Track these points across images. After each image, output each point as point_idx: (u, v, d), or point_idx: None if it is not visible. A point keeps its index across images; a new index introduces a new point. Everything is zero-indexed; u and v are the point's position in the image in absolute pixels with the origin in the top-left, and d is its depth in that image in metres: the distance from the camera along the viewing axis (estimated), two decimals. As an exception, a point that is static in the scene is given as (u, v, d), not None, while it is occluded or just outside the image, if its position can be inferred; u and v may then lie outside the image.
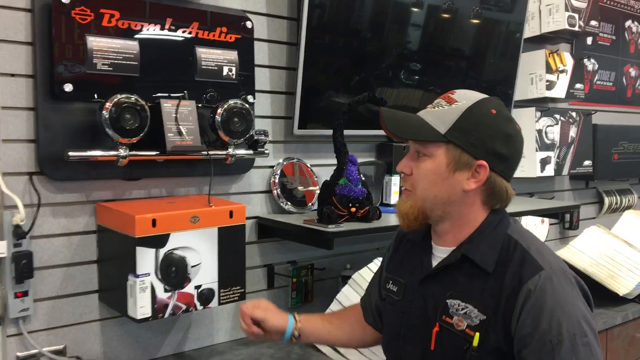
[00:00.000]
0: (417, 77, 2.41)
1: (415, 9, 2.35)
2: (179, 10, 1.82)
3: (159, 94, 1.79)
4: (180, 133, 1.74)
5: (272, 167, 2.12)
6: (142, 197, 1.85)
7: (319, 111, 2.17)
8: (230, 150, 1.86)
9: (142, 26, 1.76)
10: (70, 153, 1.61)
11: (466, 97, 1.17)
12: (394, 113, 1.26)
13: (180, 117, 1.75)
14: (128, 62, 1.73)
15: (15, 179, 1.63)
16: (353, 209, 1.98)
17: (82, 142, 1.67)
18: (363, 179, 2.08)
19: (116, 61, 1.71)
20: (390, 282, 1.33)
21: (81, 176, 1.72)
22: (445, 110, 1.16)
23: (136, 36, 1.75)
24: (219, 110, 1.82)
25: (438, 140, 1.15)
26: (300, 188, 2.17)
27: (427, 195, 1.18)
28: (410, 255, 1.31)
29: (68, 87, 1.64)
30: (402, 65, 2.38)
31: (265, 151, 1.96)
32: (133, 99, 1.65)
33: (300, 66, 2.05)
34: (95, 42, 1.67)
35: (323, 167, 2.24)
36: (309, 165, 2.21)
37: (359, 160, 2.22)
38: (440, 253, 1.23)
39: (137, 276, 1.58)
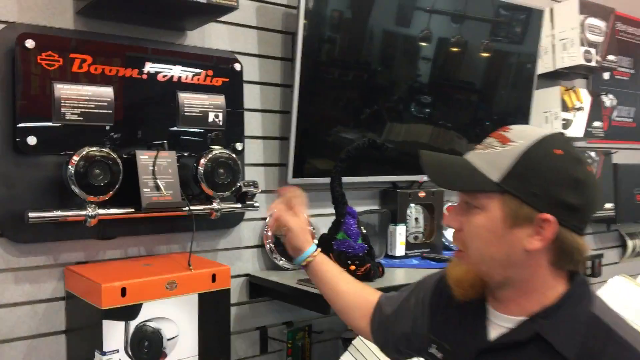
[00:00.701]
0: (425, 111, 2.23)
1: (423, 44, 2.17)
2: (159, 53, 1.67)
3: (136, 145, 1.62)
4: (157, 188, 1.56)
5: (264, 219, 1.92)
6: (117, 258, 1.67)
7: (316, 157, 1.99)
8: (215, 205, 1.68)
9: (117, 71, 1.61)
10: (31, 214, 1.44)
11: (524, 136, 0.95)
12: (437, 158, 1.05)
13: (158, 170, 1.57)
14: (101, 111, 1.57)
15: (-29, 243, 1.43)
16: (352, 267, 1.78)
17: (49, 200, 1.50)
18: (364, 231, 1.89)
19: (87, 110, 1.55)
20: (434, 346, 1.10)
21: (47, 237, 1.54)
22: (498, 153, 0.95)
23: (111, 82, 1.59)
24: (202, 161, 1.65)
25: (491, 190, 0.94)
26: None
27: (482, 257, 0.97)
28: (458, 316, 1.07)
29: (32, 140, 1.48)
30: (409, 100, 2.19)
31: (255, 204, 1.77)
32: (104, 152, 1.49)
33: (294, 109, 1.87)
34: (63, 90, 1.51)
35: (322, 217, 2.04)
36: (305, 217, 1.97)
37: (362, 208, 2.08)
38: (501, 321, 1.00)
39: (104, 353, 1.37)
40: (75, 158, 1.46)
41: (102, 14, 1.60)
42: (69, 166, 1.45)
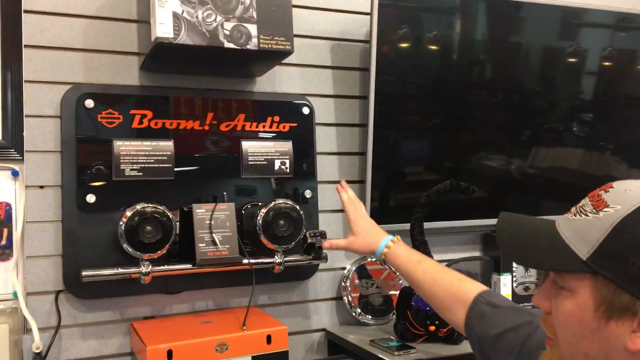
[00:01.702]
0: (567, 132, 1.96)
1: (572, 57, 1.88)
2: (221, 103, 1.61)
3: (198, 197, 1.57)
4: (214, 242, 1.48)
5: (343, 269, 1.74)
6: (185, 312, 1.60)
7: (396, 201, 1.82)
8: (277, 258, 1.54)
9: (178, 124, 1.56)
10: (84, 272, 1.41)
11: (624, 199, 0.69)
12: (516, 225, 0.82)
13: (215, 224, 1.49)
14: (161, 165, 1.53)
15: (40, 299, 1.46)
16: (432, 328, 1.53)
17: (108, 257, 1.47)
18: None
19: (147, 165, 1.51)
20: None
21: (112, 292, 1.51)
22: (589, 222, 0.71)
23: (172, 136, 1.55)
24: (262, 212, 1.54)
25: (579, 270, 0.70)
26: (378, 293, 1.77)
27: (575, 353, 0.74)
28: None
29: (91, 198, 1.47)
30: (529, 127, 1.92)
31: (323, 256, 1.59)
32: (156, 207, 1.43)
33: (369, 149, 1.72)
34: (123, 147, 1.49)
35: None
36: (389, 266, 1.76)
37: (459, 254, 1.88)
38: None
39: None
40: (127, 214, 1.41)
41: (164, 68, 1.56)
42: (120, 223, 1.40)
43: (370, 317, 1.76)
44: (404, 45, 1.77)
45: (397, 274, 1.78)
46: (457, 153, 1.84)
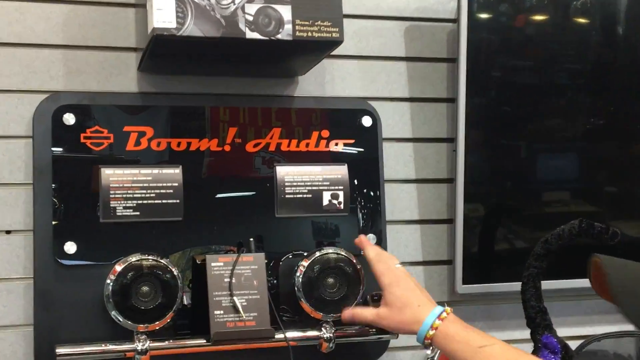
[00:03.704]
0: None
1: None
2: (248, 114, 1.69)
3: (215, 245, 1.65)
4: (235, 309, 1.53)
5: (427, 346, 1.75)
6: (197, 405, 1.63)
7: (504, 250, 1.87)
8: (325, 332, 1.59)
9: (188, 144, 1.65)
10: (60, 350, 1.48)
11: None
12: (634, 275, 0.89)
13: (238, 283, 1.55)
14: (165, 201, 1.61)
15: (4, 383, 1.55)
16: None
17: (94, 328, 1.56)
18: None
19: (146, 201, 1.60)
20: None
21: None
22: None
23: (180, 160, 1.63)
24: (303, 266, 1.59)
25: None
26: None
27: None
28: None
29: (70, 248, 1.56)
30: None
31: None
32: (159, 261, 1.51)
33: (459, 173, 1.77)
34: (114, 177, 1.59)
35: (519, 343, 1.75)
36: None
37: (600, 329, 1.88)
38: None
39: None
40: (117, 270, 1.49)
41: (169, 69, 1.66)
42: (108, 281, 1.49)
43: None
44: (516, 19, 1.82)
45: None
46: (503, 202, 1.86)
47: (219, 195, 1.67)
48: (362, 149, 1.76)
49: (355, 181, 1.73)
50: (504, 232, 1.87)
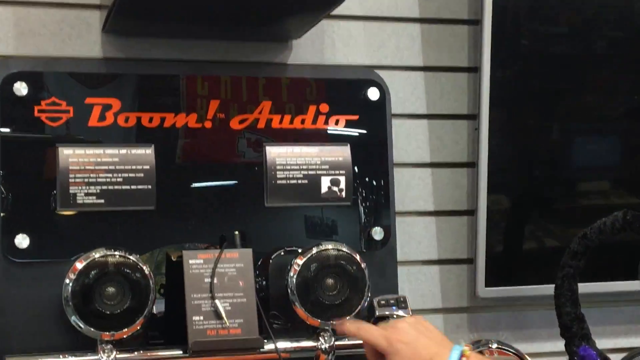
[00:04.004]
0: None
1: None
2: (233, 85, 1.62)
3: (193, 240, 1.59)
4: (217, 314, 1.46)
5: None
6: None
7: (535, 247, 1.84)
8: (323, 341, 1.52)
9: (162, 120, 1.57)
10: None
11: None
12: None
13: (220, 284, 1.48)
14: (135, 187, 1.54)
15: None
16: None
17: (51, 336, 1.48)
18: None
19: (112, 187, 1.52)
20: None
21: None
22: None
23: (152, 139, 1.56)
24: (297, 264, 1.52)
25: None
26: None
27: None
28: None
29: (22, 242, 1.48)
30: None
31: None
32: (127, 258, 1.43)
33: (482, 156, 1.71)
34: (73, 157, 1.50)
35: (552, 356, 1.84)
36: (517, 353, 1.77)
37: None
38: None
39: None
40: (78, 267, 1.40)
41: (139, 30, 1.59)
42: (67, 281, 1.40)
43: None
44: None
45: None
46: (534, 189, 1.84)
47: (197, 181, 1.62)
48: (367, 127, 1.70)
49: (359, 165, 1.68)
50: (533, 227, 1.85)
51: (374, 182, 1.69)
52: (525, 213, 1.81)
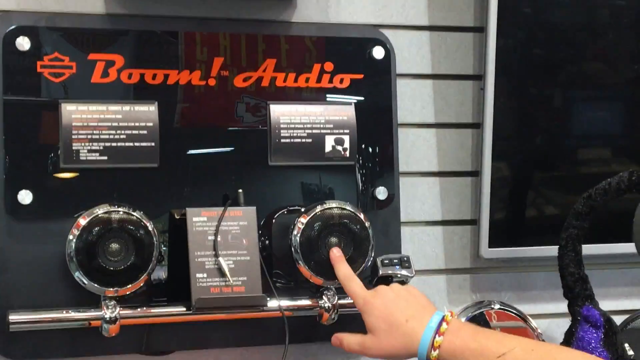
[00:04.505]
0: None
1: None
2: (236, 42, 1.61)
3: (196, 199, 1.59)
4: (221, 272, 1.48)
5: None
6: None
7: (539, 209, 1.84)
8: (326, 300, 1.55)
9: (166, 77, 1.57)
10: (12, 317, 1.42)
11: None
12: None
13: (224, 242, 1.50)
14: (138, 144, 1.54)
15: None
16: None
17: (54, 292, 1.50)
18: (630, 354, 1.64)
19: (115, 143, 1.52)
20: None
21: (59, 350, 1.53)
22: None
23: (155, 96, 1.56)
24: (301, 223, 1.54)
25: None
26: None
27: None
28: None
29: (25, 197, 1.49)
30: None
31: None
32: (130, 214, 1.44)
33: (487, 116, 1.71)
34: (76, 114, 1.50)
35: (554, 318, 1.85)
36: (519, 315, 1.83)
37: None
38: None
39: None
40: (81, 224, 1.42)
41: None
42: (70, 237, 1.42)
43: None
44: None
45: (537, 330, 1.79)
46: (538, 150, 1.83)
47: (201, 139, 1.62)
48: (372, 87, 1.70)
49: (364, 124, 1.67)
50: (538, 186, 1.85)
51: (379, 142, 1.69)
52: (530, 173, 1.81)
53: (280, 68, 1.63)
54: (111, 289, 1.44)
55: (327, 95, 1.66)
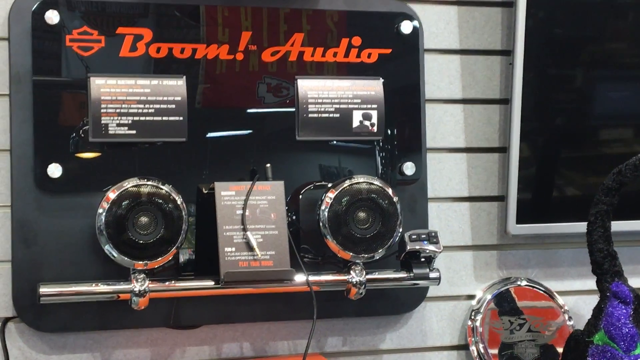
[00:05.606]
0: None
1: None
2: (264, 16, 1.62)
3: (222, 173, 1.60)
4: (249, 246, 1.50)
5: (470, 297, 1.79)
6: (204, 360, 1.62)
7: (568, 185, 1.85)
8: (354, 275, 1.56)
9: (193, 52, 1.58)
10: (43, 289, 1.46)
11: None
12: None
13: (252, 216, 1.52)
14: (166, 118, 1.55)
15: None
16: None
17: (84, 265, 1.53)
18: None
19: (144, 118, 1.54)
20: None
21: (88, 323, 1.56)
22: None
23: (184, 70, 1.58)
24: (329, 198, 1.55)
25: None
26: (531, 341, 1.79)
27: None
28: None
29: (55, 171, 1.51)
30: None
31: (432, 275, 1.62)
32: (160, 188, 1.47)
33: (516, 93, 1.71)
34: (105, 88, 1.52)
35: (581, 295, 1.84)
36: (546, 291, 1.84)
37: None
38: None
39: None
40: (111, 197, 1.45)
41: None
42: (100, 211, 1.44)
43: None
44: None
45: (564, 307, 1.78)
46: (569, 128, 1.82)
47: (229, 114, 1.63)
48: (400, 61, 1.70)
49: (391, 99, 1.67)
50: (568, 163, 1.85)
51: (406, 117, 1.69)
52: (558, 150, 1.81)
53: (308, 43, 1.64)
54: (140, 262, 1.46)
55: (355, 70, 1.66)
